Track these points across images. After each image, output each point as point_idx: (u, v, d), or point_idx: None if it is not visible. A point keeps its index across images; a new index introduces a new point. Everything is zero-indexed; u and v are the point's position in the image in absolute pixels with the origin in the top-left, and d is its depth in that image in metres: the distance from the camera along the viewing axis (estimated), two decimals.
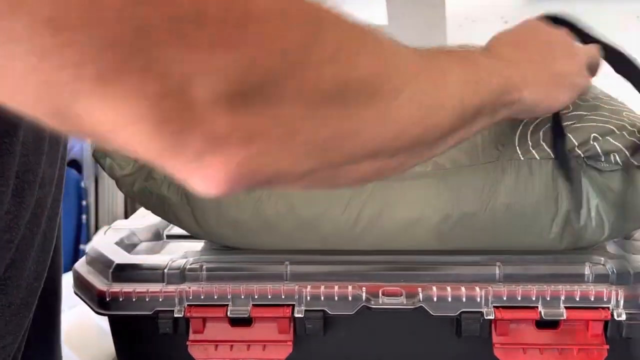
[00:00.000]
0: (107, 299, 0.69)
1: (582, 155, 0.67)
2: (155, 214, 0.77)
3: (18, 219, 0.48)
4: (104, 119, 0.28)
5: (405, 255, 0.72)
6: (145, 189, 0.71)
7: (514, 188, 0.68)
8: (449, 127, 0.43)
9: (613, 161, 0.66)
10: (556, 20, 0.65)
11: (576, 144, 0.66)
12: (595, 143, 0.66)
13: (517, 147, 0.69)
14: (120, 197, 2.07)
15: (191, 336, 0.70)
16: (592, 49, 0.64)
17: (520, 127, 0.70)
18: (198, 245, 0.80)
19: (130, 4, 0.26)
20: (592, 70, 0.63)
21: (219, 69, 0.29)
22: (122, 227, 0.82)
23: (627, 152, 0.65)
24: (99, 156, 0.72)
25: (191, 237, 0.83)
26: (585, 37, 0.66)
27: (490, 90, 0.47)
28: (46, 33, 0.25)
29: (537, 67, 0.54)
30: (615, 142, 0.65)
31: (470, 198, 0.68)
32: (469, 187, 0.69)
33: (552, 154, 0.68)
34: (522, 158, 0.68)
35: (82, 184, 2.00)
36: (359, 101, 0.36)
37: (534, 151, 0.68)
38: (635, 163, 0.65)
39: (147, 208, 0.76)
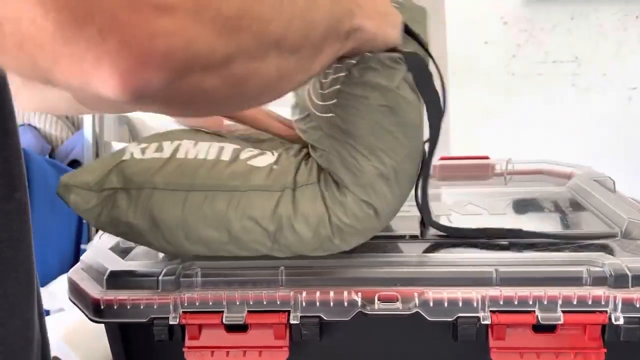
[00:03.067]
0: (102, 307, 0.69)
1: None
2: (127, 239, 0.75)
3: None
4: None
5: (400, 258, 0.72)
6: (113, 219, 0.69)
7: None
8: (324, 29, 0.48)
9: None
10: None
11: None
12: None
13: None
14: None
15: (187, 342, 0.70)
16: None
17: None
18: None
19: None
20: None
21: None
22: None
23: None
24: (62, 192, 0.70)
25: None
26: None
27: (345, 8, 0.52)
28: None
29: (370, 5, 0.58)
30: None
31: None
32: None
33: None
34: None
35: None
36: None
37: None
38: None
39: (117, 236, 0.73)
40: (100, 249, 0.76)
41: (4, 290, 0.50)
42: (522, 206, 0.93)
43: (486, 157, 1.11)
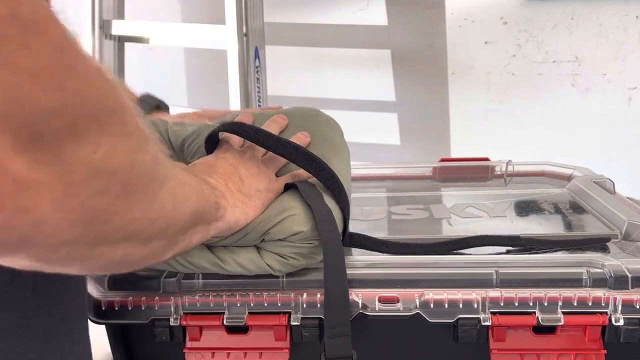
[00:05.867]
0: (103, 308, 0.69)
1: None
2: None
3: None
4: None
5: (401, 258, 0.72)
6: None
7: None
8: (189, 221, 0.49)
9: None
10: (234, 131, 0.69)
11: None
12: None
13: None
14: None
15: (188, 344, 0.70)
16: (275, 158, 0.71)
17: None
18: None
19: None
20: (282, 171, 0.72)
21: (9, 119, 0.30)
22: None
23: None
24: None
25: None
26: (263, 144, 0.69)
27: (210, 200, 0.55)
28: None
29: (231, 190, 0.62)
30: None
31: None
32: None
33: None
34: None
35: None
36: (137, 184, 0.39)
37: None
38: None
39: None
40: None
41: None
42: (523, 208, 0.93)
43: (486, 159, 1.11)
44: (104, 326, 0.73)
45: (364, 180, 1.09)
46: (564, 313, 0.66)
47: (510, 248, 0.75)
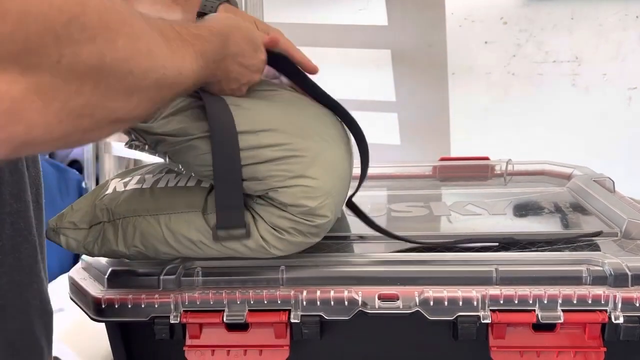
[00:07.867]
0: (103, 306, 0.69)
1: None
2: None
3: None
4: None
5: (401, 256, 0.72)
6: (106, 251, 0.71)
7: None
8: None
9: None
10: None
11: None
12: None
13: None
14: None
15: (188, 341, 0.70)
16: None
17: None
18: None
19: None
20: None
21: None
22: None
23: None
24: (52, 236, 0.72)
25: None
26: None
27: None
28: None
29: None
30: None
31: None
32: None
33: None
34: None
35: (83, 184, 2.01)
36: (114, 78, 0.39)
37: None
38: None
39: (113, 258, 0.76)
40: None
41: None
42: (522, 207, 0.93)
43: (486, 158, 1.12)
44: (103, 324, 0.73)
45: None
46: (563, 311, 0.66)
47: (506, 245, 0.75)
